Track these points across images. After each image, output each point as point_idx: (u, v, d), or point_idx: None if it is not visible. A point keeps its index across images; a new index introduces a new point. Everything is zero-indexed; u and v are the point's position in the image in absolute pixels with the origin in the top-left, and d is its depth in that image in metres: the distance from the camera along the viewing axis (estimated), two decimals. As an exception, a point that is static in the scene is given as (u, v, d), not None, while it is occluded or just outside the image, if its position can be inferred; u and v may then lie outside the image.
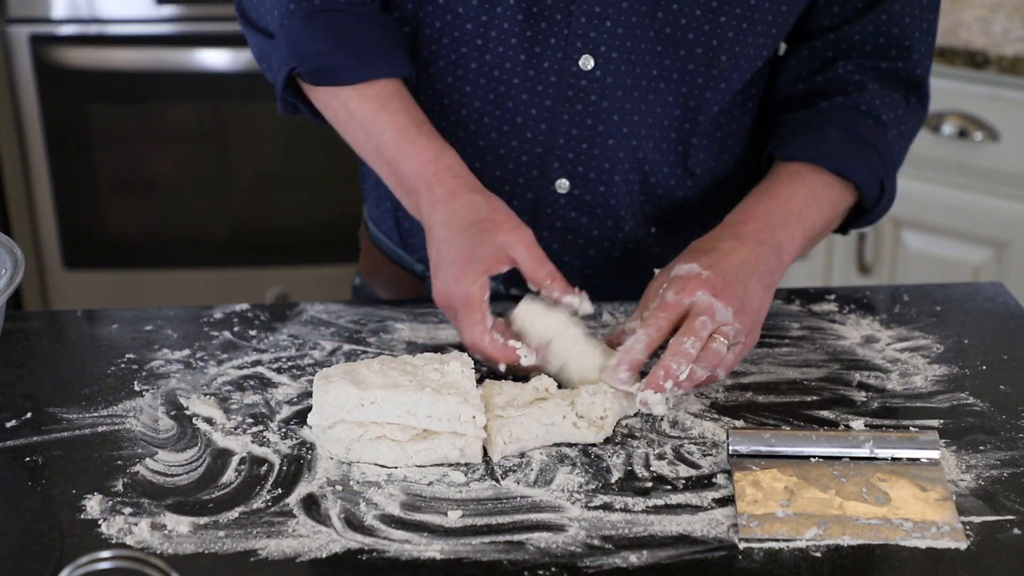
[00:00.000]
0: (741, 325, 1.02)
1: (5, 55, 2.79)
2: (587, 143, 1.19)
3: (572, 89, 1.17)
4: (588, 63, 1.16)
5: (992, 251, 2.28)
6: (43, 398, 1.06)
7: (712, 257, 1.04)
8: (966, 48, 2.19)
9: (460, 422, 0.95)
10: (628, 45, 1.15)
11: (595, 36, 1.15)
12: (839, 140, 1.17)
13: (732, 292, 1.02)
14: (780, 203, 1.13)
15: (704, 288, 1.01)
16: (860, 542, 0.86)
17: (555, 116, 1.18)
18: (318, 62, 1.14)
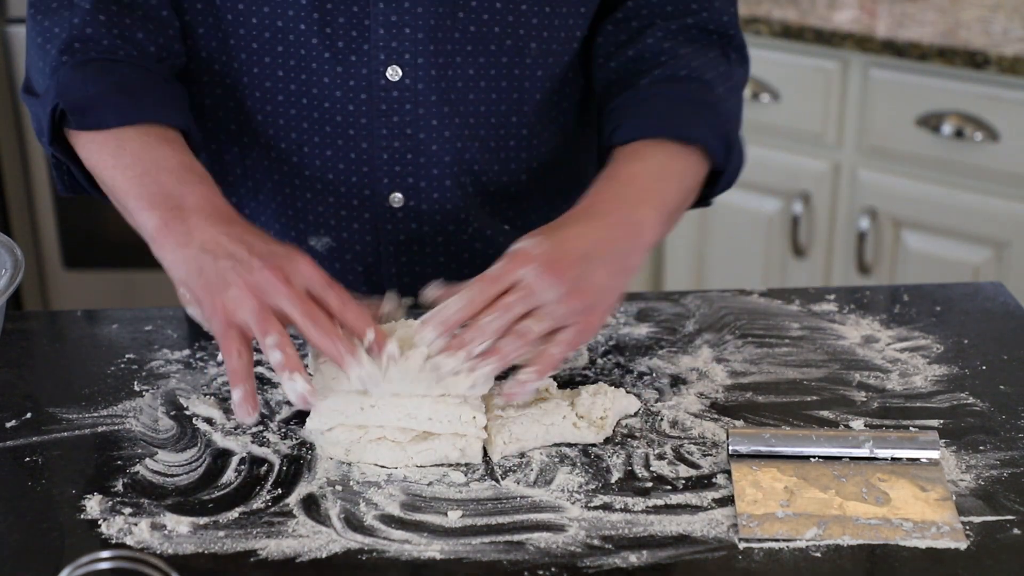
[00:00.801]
0: (570, 307, 0.95)
1: (5, 55, 2.79)
2: (411, 153, 1.17)
3: (385, 102, 1.15)
4: (395, 73, 1.14)
5: (992, 251, 2.28)
6: (43, 398, 1.06)
7: (554, 236, 1.00)
8: (966, 48, 2.19)
9: (461, 423, 0.95)
10: (432, 49, 1.14)
11: (396, 45, 1.13)
12: (669, 108, 1.13)
13: (563, 272, 0.96)
14: (629, 183, 1.08)
15: (532, 264, 0.95)
16: (860, 542, 0.86)
17: (373, 132, 1.16)
18: (86, 101, 1.07)
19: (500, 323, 0.94)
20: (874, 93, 2.33)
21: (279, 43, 1.14)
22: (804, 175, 2.45)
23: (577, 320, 0.96)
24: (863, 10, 2.47)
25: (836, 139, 2.41)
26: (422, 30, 1.13)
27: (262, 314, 0.92)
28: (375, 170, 1.18)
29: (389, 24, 1.12)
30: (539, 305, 0.95)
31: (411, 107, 1.15)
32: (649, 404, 1.04)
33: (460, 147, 1.18)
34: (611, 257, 1.00)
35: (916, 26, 2.34)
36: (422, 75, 1.14)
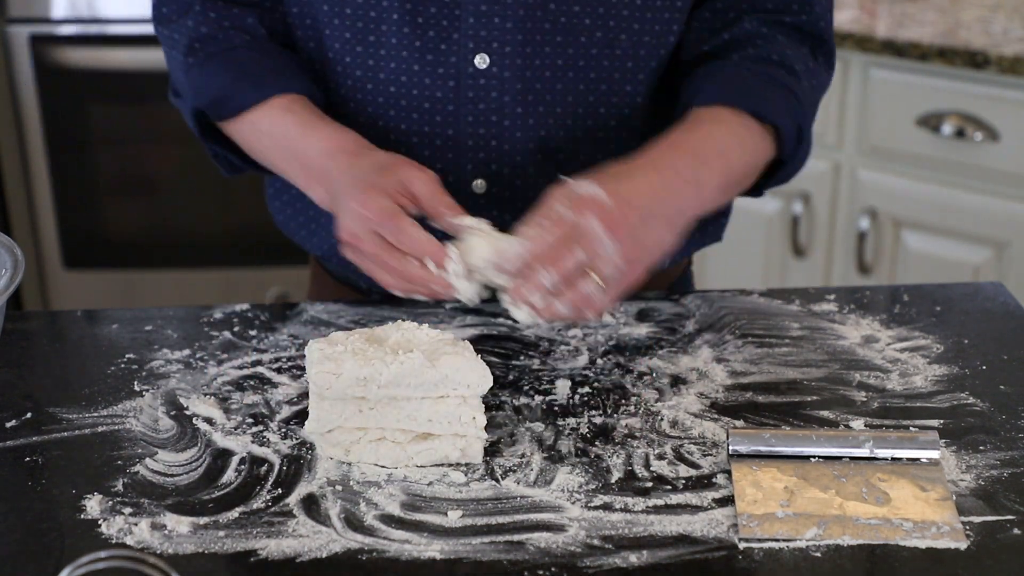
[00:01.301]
0: (624, 262, 0.98)
1: (5, 55, 2.79)
2: (495, 140, 1.19)
3: (471, 89, 1.18)
4: (483, 62, 1.16)
5: (992, 251, 2.28)
6: (43, 398, 1.06)
7: (621, 183, 1.01)
8: (966, 48, 2.19)
9: (460, 423, 0.95)
10: (520, 38, 1.16)
11: (486, 35, 1.16)
12: (756, 84, 1.15)
13: (626, 226, 0.98)
14: (702, 139, 1.10)
15: (597, 214, 0.97)
16: (860, 542, 0.86)
17: (459, 119, 1.19)
18: (216, 95, 1.19)
19: (557, 278, 0.97)
20: (874, 93, 2.33)
21: (371, 32, 1.18)
22: (804, 175, 2.44)
23: (622, 275, 0.99)
24: (863, 10, 2.47)
25: (836, 139, 2.41)
26: (511, 20, 1.15)
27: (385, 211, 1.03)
28: (459, 156, 1.20)
29: (479, 13, 1.15)
30: (595, 259, 0.97)
31: (497, 95, 1.18)
32: (649, 404, 1.04)
33: (544, 135, 1.20)
34: (669, 213, 1.03)
35: (916, 26, 2.34)
36: (508, 63, 1.16)
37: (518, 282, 0.98)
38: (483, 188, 1.21)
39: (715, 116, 1.13)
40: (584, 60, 1.18)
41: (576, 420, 1.02)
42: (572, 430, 1.00)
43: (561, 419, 1.02)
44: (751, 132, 1.13)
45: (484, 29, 1.16)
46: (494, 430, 0.99)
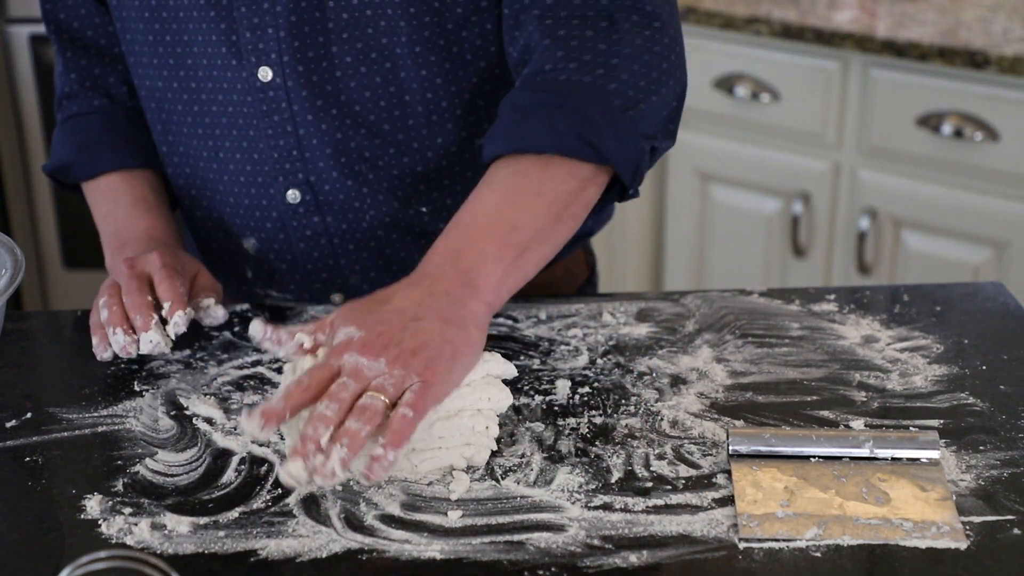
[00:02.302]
0: (403, 371, 0.91)
1: (5, 55, 2.79)
2: (295, 150, 1.20)
3: (264, 103, 1.18)
4: (266, 74, 1.17)
5: (992, 251, 2.28)
6: (43, 398, 1.06)
7: (370, 311, 0.97)
8: (966, 48, 2.19)
9: (473, 433, 0.94)
10: (298, 44, 1.15)
11: (263, 47, 1.16)
12: (520, 117, 1.07)
13: (380, 343, 0.93)
14: (463, 224, 1.04)
15: (350, 350, 0.93)
16: (860, 542, 0.86)
17: (261, 132, 1.20)
18: (61, 162, 1.31)
19: (337, 406, 0.90)
20: (874, 93, 2.33)
21: (188, 56, 1.21)
22: (804, 175, 2.45)
23: (417, 380, 0.92)
24: (863, 10, 2.47)
25: (836, 139, 2.41)
26: (283, 28, 1.15)
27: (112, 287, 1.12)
28: (271, 169, 1.21)
29: (253, 26, 1.16)
30: (369, 381, 0.92)
31: (286, 105, 1.18)
32: (649, 404, 1.04)
33: (341, 137, 1.19)
34: (437, 311, 0.96)
35: (916, 26, 2.34)
36: (290, 72, 1.16)
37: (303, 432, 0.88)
38: (297, 198, 1.22)
39: (486, 181, 1.07)
40: (376, 51, 1.15)
41: (576, 420, 1.02)
42: (572, 430, 1.00)
43: (561, 419, 1.02)
44: (531, 173, 1.07)
45: (261, 41, 1.16)
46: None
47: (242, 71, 1.18)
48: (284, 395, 0.91)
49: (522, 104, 1.08)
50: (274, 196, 1.22)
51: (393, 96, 1.17)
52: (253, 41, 1.16)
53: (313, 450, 0.87)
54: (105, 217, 1.27)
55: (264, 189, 1.23)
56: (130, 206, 1.26)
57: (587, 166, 1.07)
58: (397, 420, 0.89)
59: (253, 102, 1.19)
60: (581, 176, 1.08)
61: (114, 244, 1.24)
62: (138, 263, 1.13)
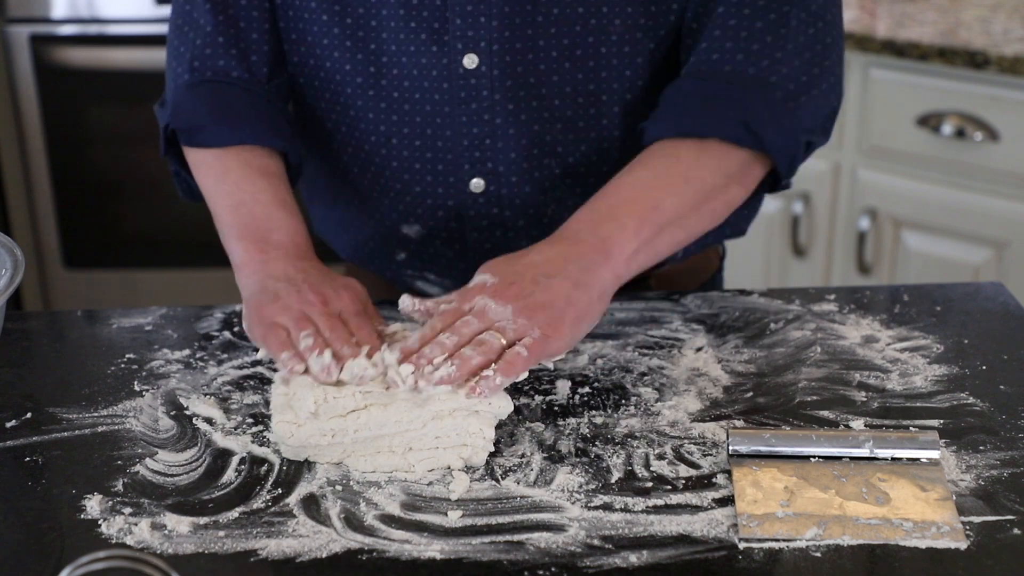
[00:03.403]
0: (527, 320, 0.98)
1: (5, 55, 2.79)
2: (489, 139, 1.20)
3: (463, 90, 1.18)
4: (471, 62, 1.17)
5: (992, 251, 2.28)
6: (43, 398, 1.06)
7: (508, 263, 1.04)
8: (966, 48, 2.19)
9: (468, 434, 0.94)
10: (508, 35, 1.16)
11: (472, 34, 1.16)
12: (684, 102, 1.13)
13: (511, 292, 1.00)
14: (609, 196, 1.09)
15: (483, 294, 1.00)
16: (860, 542, 0.86)
17: (455, 119, 1.19)
18: (192, 122, 1.20)
19: (456, 338, 0.96)
20: (874, 93, 2.33)
21: (372, 41, 1.19)
22: (804, 175, 2.45)
23: (538, 330, 0.98)
24: (863, 10, 2.47)
25: (836, 139, 2.41)
26: (496, 17, 1.15)
27: (300, 318, 1.02)
28: (457, 157, 1.21)
29: (465, 14, 1.15)
30: (493, 323, 0.98)
31: (487, 93, 1.18)
32: (649, 404, 1.04)
33: (538, 129, 1.19)
34: (568, 272, 1.02)
35: (916, 26, 2.34)
36: (497, 61, 1.17)
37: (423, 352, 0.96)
38: (481, 187, 1.22)
39: (642, 160, 1.12)
40: (581, 49, 1.17)
41: (576, 420, 1.02)
42: (572, 430, 1.00)
43: (561, 419, 1.02)
44: (687, 157, 1.11)
45: (471, 29, 1.16)
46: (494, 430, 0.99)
47: (443, 58, 1.17)
48: (419, 336, 0.98)
49: (687, 91, 1.14)
50: (453, 184, 1.22)
51: (591, 94, 1.19)
52: (463, 28, 1.16)
53: (425, 364, 0.95)
54: (237, 207, 1.16)
55: (443, 177, 1.22)
56: (270, 204, 1.16)
57: (742, 155, 1.13)
58: (512, 354, 0.96)
59: (450, 89, 1.18)
60: (731, 168, 1.13)
61: (251, 237, 1.13)
62: (331, 302, 1.05)
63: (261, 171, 1.18)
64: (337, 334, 1.01)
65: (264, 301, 1.05)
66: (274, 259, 1.10)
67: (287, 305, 1.03)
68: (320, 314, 1.02)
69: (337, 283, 1.08)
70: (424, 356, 0.96)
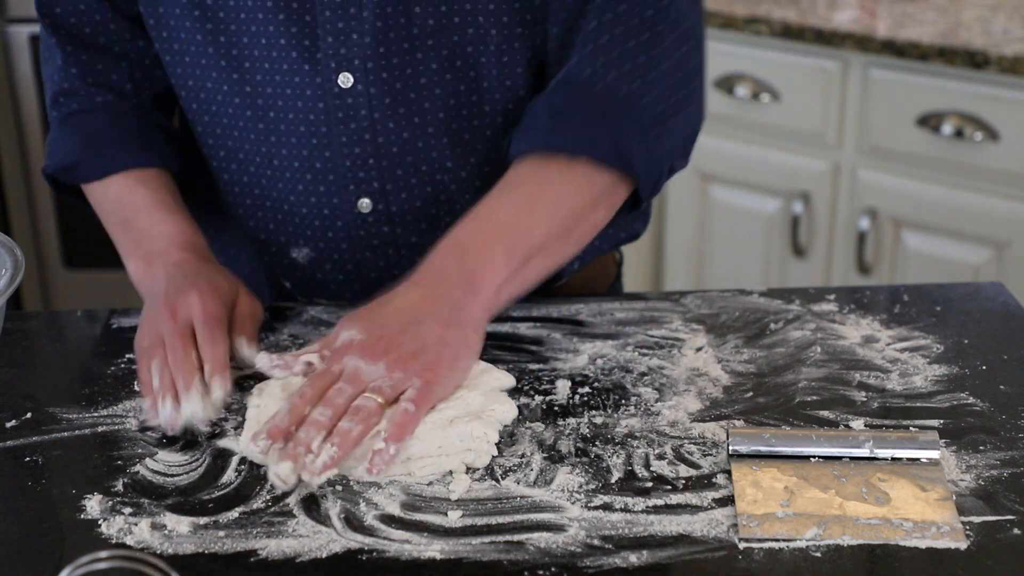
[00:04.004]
0: (403, 372, 0.95)
1: (5, 55, 2.79)
2: (372, 158, 1.17)
3: (340, 110, 1.15)
4: (347, 80, 1.14)
5: (992, 251, 2.28)
6: (43, 398, 1.06)
7: (372, 314, 1.01)
8: (966, 48, 2.19)
9: (472, 439, 0.94)
10: (383, 51, 1.13)
11: (345, 52, 1.13)
12: (555, 117, 1.10)
13: (380, 346, 0.97)
14: (478, 223, 1.07)
15: (351, 352, 0.97)
16: (860, 542, 0.86)
17: (334, 140, 1.16)
18: (66, 161, 1.21)
19: (331, 411, 0.93)
20: (874, 93, 2.33)
21: (246, 59, 1.16)
22: (804, 175, 2.45)
23: (417, 379, 0.95)
24: (863, 10, 2.47)
25: (836, 139, 2.41)
26: (368, 34, 1.12)
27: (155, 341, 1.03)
28: (340, 177, 1.18)
29: (336, 31, 1.12)
30: (367, 384, 0.95)
31: (366, 112, 1.15)
32: (649, 404, 1.04)
33: (423, 146, 1.17)
34: (437, 313, 1.00)
35: (916, 26, 2.34)
36: (374, 79, 1.14)
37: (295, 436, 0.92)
38: (369, 207, 1.19)
39: (508, 183, 1.10)
40: (460, 59, 1.14)
41: (576, 420, 1.02)
42: (572, 430, 1.00)
43: (561, 419, 1.02)
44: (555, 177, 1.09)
45: (343, 47, 1.13)
46: (494, 430, 0.99)
47: (316, 76, 1.14)
48: (287, 410, 0.94)
49: (557, 106, 1.11)
50: (339, 205, 1.19)
51: (474, 105, 1.16)
52: (335, 46, 1.13)
53: (304, 452, 0.90)
54: (123, 224, 1.19)
55: (327, 198, 1.19)
56: (150, 210, 1.18)
57: (608, 177, 1.10)
58: (399, 414, 0.93)
59: (326, 108, 1.15)
60: (599, 190, 1.11)
61: (138, 253, 1.16)
62: (180, 310, 1.04)
63: (139, 181, 1.20)
64: (178, 359, 1.01)
65: (140, 324, 1.07)
66: (157, 269, 1.12)
67: (148, 325, 1.05)
68: (169, 332, 1.03)
69: (200, 282, 1.07)
70: (300, 443, 0.91)
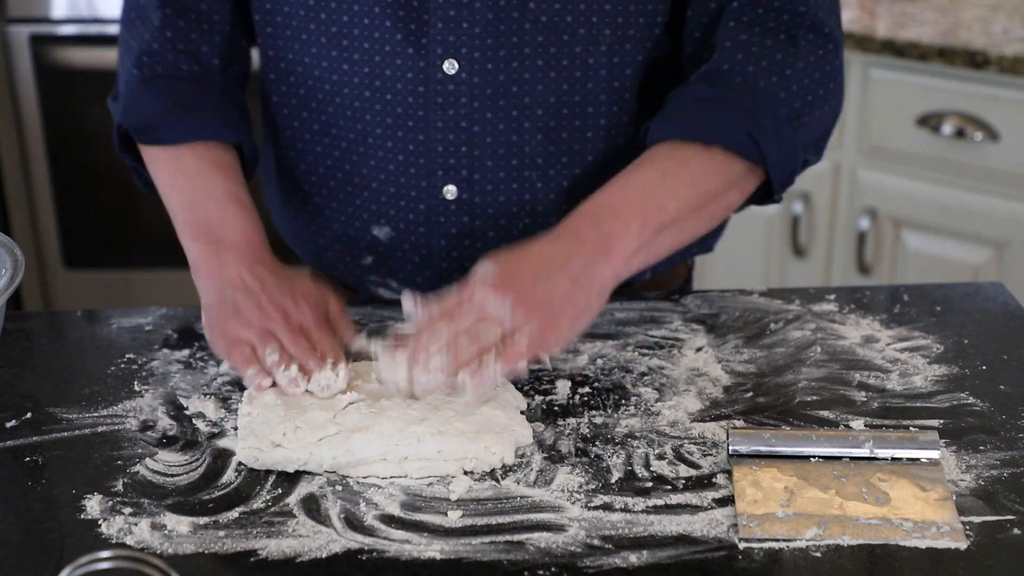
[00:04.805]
0: (522, 317, 0.98)
1: (5, 55, 2.79)
2: (466, 146, 1.18)
3: (440, 95, 1.16)
4: (451, 67, 1.15)
5: (992, 251, 2.28)
6: (43, 398, 1.06)
7: (512, 256, 1.04)
8: (966, 48, 2.19)
9: (489, 453, 0.94)
10: (491, 42, 1.14)
11: (454, 39, 1.14)
12: (691, 108, 1.13)
13: (510, 286, 1.00)
14: (615, 193, 1.09)
15: (482, 285, 1.00)
16: (860, 542, 0.86)
17: (429, 124, 1.17)
18: (145, 120, 1.20)
19: (451, 329, 0.97)
20: (874, 93, 2.33)
21: (345, 37, 1.17)
22: (804, 175, 2.44)
23: (536, 325, 0.99)
24: (863, 10, 2.47)
25: (836, 139, 2.41)
26: (479, 24, 1.14)
27: (264, 334, 1.05)
28: (431, 162, 1.19)
29: (447, 19, 1.14)
30: (491, 315, 0.98)
31: (466, 100, 1.16)
32: (649, 404, 1.04)
33: (517, 140, 1.18)
34: (569, 269, 1.03)
35: (916, 26, 2.34)
36: (478, 68, 1.15)
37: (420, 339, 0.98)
38: (454, 194, 1.20)
39: (649, 158, 1.12)
40: (568, 59, 1.15)
41: (576, 420, 1.02)
42: (572, 430, 1.00)
43: (561, 419, 1.02)
44: (691, 161, 1.11)
45: (452, 34, 1.14)
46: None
47: (420, 60, 1.15)
48: (416, 324, 0.99)
49: (697, 96, 1.13)
50: (426, 189, 1.20)
51: (576, 106, 1.17)
52: (444, 32, 1.14)
53: (423, 357, 0.96)
54: (191, 204, 1.18)
55: (415, 180, 1.20)
56: (223, 200, 1.17)
57: (741, 165, 1.13)
58: (511, 345, 0.97)
59: (426, 93, 1.16)
60: (733, 175, 1.13)
61: (205, 239, 1.15)
62: (292, 315, 1.06)
63: (215, 166, 1.19)
64: (301, 349, 1.03)
65: (225, 314, 1.07)
66: (229, 262, 1.11)
67: (249, 320, 1.05)
68: (283, 329, 1.05)
69: (296, 291, 1.09)
70: (421, 343, 0.97)
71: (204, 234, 1.15)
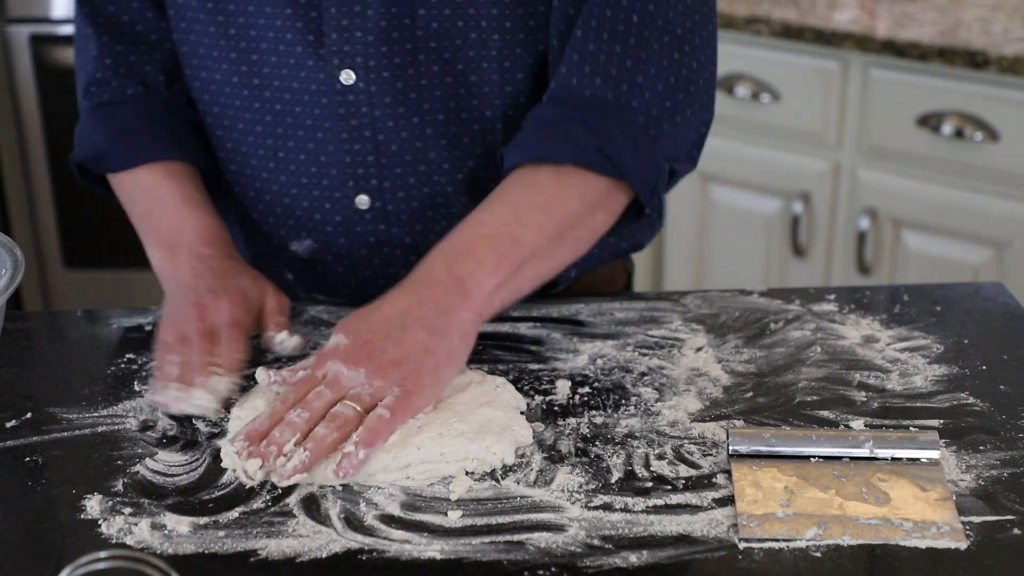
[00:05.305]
0: (383, 380, 0.95)
1: (5, 55, 2.79)
2: (372, 155, 1.17)
3: (341, 106, 1.16)
4: (349, 77, 1.15)
5: (992, 251, 2.28)
6: (43, 398, 1.06)
7: (360, 320, 1.01)
8: (966, 48, 2.19)
9: (489, 454, 0.94)
10: (386, 50, 1.13)
11: (349, 49, 1.14)
12: (540, 130, 1.10)
13: (363, 352, 0.97)
14: (466, 231, 1.06)
15: (335, 358, 0.97)
16: (860, 542, 0.86)
17: (335, 135, 1.17)
18: (95, 149, 1.23)
19: (308, 414, 0.94)
20: (874, 93, 2.33)
21: (254, 52, 1.17)
22: (804, 175, 2.45)
23: (397, 388, 0.95)
24: (863, 10, 2.47)
25: (836, 139, 2.41)
26: (372, 32, 1.13)
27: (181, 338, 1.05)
28: (341, 173, 1.19)
29: (341, 28, 1.13)
30: (347, 390, 0.95)
31: (367, 110, 1.16)
32: (649, 404, 1.04)
33: (421, 147, 1.17)
34: (423, 319, 0.99)
35: (916, 26, 2.34)
36: (375, 77, 1.14)
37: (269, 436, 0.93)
38: (367, 204, 1.19)
39: (500, 191, 1.10)
40: (462, 63, 1.14)
41: (576, 420, 1.02)
42: (572, 430, 1.00)
43: (561, 419, 1.02)
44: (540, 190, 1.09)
45: (347, 44, 1.14)
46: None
47: (319, 72, 1.15)
48: (268, 414, 0.95)
49: (545, 117, 1.11)
50: (339, 200, 1.20)
51: (475, 110, 1.17)
52: (339, 43, 1.14)
53: (276, 453, 0.92)
54: (148, 215, 1.21)
55: (328, 192, 1.20)
56: (177, 203, 1.19)
57: (602, 182, 1.10)
58: (373, 419, 0.93)
59: (329, 104, 1.16)
60: (593, 195, 1.10)
61: (162, 245, 1.17)
62: (209, 315, 1.06)
63: (167, 173, 1.21)
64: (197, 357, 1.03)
65: (164, 316, 1.09)
66: (182, 262, 1.14)
67: (175, 321, 1.07)
68: (195, 331, 1.05)
69: (228, 284, 1.10)
70: (273, 442, 0.92)
71: (163, 240, 1.18)
